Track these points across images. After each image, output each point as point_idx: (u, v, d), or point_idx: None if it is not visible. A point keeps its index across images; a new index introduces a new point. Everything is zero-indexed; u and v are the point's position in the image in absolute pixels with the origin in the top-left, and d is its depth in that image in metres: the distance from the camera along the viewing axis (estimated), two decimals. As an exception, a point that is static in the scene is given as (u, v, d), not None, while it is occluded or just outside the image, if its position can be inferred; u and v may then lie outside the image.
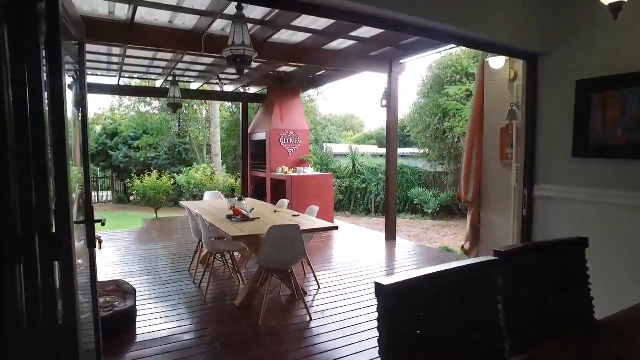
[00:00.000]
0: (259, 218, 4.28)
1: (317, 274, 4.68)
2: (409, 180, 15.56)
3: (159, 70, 8.09)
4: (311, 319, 3.66)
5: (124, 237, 7.25)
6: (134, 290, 3.83)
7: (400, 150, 18.87)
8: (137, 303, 3.76)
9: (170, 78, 7.66)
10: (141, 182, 10.33)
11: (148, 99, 20.32)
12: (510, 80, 4.75)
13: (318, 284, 4.54)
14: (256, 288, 3.89)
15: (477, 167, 5.18)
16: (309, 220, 4.26)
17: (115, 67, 7.57)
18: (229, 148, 19.45)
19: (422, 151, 14.88)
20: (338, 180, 15.00)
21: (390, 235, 6.89)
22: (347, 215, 14.82)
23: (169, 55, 6.96)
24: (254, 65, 7.82)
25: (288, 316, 3.83)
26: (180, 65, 7.78)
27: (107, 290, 3.76)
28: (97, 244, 2.17)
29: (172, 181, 10.67)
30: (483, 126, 5.17)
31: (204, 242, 4.24)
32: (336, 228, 4.02)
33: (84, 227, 2.28)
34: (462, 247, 5.54)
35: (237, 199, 4.81)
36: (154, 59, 7.11)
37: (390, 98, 6.75)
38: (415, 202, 14.45)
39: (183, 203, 5.71)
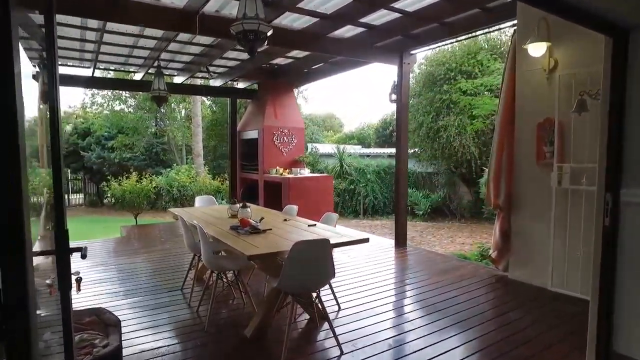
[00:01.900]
0: (270, 229, 3.59)
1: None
2: (398, 181, 15.12)
3: (140, 61, 7.27)
4: (342, 352, 3.00)
5: (101, 248, 6.40)
6: (118, 321, 3.07)
7: (388, 150, 18.50)
8: (122, 337, 3.02)
9: (153, 69, 6.86)
10: (119, 184, 9.41)
11: (123, 96, 19.22)
12: (549, 69, 4.23)
13: (338, 303, 3.88)
14: (271, 315, 3.21)
15: (509, 167, 4.65)
16: (332, 232, 3.61)
17: (89, 55, 6.70)
18: (209, 148, 18.58)
19: (411, 151, 14.42)
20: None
21: (401, 241, 6.30)
22: (335, 217, 14.22)
23: (152, 43, 6.18)
24: (247, 55, 7.10)
25: (313, 349, 3.16)
26: (163, 56, 6.98)
27: (83, 322, 2.99)
28: (75, 284, 1.42)
29: (154, 184, 9.78)
30: (514, 122, 4.64)
31: (204, 260, 3.52)
32: (367, 240, 3.38)
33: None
34: (489, 255, 5.00)
35: (240, 205, 4.11)
36: (134, 46, 6.31)
37: (401, 92, 6.15)
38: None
39: (174, 210, 4.94)
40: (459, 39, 5.78)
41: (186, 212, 4.79)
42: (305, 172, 8.05)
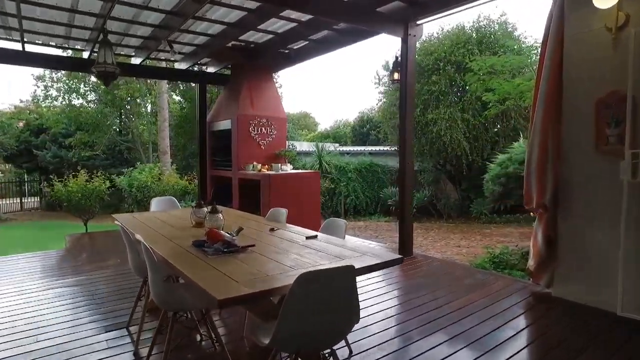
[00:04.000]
0: (253, 246, 2.43)
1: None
2: (380, 180, 14.26)
3: (86, 34, 5.93)
4: None
5: (30, 266, 5.02)
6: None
7: (369, 148, 17.56)
8: None
9: (99, 40, 5.54)
10: (64, 185, 7.97)
11: (82, 89, 17.48)
12: (616, 28, 3.25)
13: (349, 346, 2.76)
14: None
15: (556, 156, 3.65)
16: (345, 247, 2.48)
17: (13, 22, 5.31)
18: (178, 147, 17.15)
19: (393, 148, 13.49)
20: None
21: (407, 249, 5.23)
22: (314, 219, 13.18)
23: (97, 6, 4.90)
24: (218, 28, 5.90)
25: None
26: (115, 27, 5.69)
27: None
28: None
29: (108, 183, 8.38)
30: (562, 99, 3.65)
31: (153, 294, 2.34)
32: (401, 261, 2.30)
33: None
34: (527, 267, 4.01)
35: (207, 209, 2.91)
36: (74, 10, 4.99)
37: (406, 69, 5.09)
38: (388, 203, 13.12)
39: (117, 217, 3.67)
40: (475, 3, 4.75)
41: (135, 220, 3.55)
42: (288, 168, 6.91)
